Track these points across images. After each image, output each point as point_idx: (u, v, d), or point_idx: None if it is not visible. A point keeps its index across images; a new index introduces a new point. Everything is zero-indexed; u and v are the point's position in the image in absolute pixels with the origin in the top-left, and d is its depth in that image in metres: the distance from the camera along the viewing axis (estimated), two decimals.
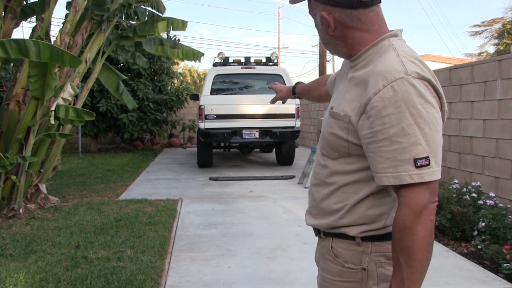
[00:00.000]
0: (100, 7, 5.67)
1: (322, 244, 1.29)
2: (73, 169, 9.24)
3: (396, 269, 1.06)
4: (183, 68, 21.65)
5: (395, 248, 1.05)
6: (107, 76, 6.73)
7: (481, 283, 3.19)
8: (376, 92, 1.05)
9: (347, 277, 1.20)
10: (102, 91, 11.28)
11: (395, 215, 1.06)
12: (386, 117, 1.03)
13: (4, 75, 9.54)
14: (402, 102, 1.02)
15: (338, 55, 1.25)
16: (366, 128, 1.08)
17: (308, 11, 1.23)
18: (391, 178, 1.04)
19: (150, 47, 6.50)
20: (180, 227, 4.69)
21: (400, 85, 1.03)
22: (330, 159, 1.22)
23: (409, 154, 1.02)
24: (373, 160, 1.07)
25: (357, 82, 1.15)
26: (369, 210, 1.18)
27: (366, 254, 1.19)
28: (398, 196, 1.06)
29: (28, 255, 3.76)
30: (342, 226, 1.20)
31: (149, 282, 3.17)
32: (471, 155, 5.16)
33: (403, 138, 1.02)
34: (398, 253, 1.05)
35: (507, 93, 4.55)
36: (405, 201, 1.03)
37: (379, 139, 1.05)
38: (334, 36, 1.19)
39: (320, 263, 1.30)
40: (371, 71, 1.10)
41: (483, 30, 25.52)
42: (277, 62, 9.47)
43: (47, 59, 4.23)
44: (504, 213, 3.90)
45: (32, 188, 5.39)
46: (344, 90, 1.21)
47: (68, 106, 5.08)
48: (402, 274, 1.05)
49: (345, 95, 1.18)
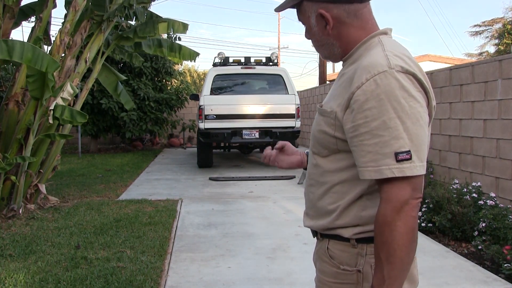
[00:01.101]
0: (100, 7, 5.66)
1: (319, 246, 1.28)
2: (73, 169, 9.23)
3: (377, 266, 1.05)
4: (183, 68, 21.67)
5: (376, 244, 1.05)
6: (106, 76, 6.73)
7: (482, 283, 3.18)
8: (359, 86, 1.05)
9: (342, 279, 1.18)
10: (102, 90, 11.28)
11: (377, 210, 1.05)
12: (368, 110, 1.03)
13: (4, 75, 9.54)
14: (384, 96, 1.02)
15: (332, 58, 1.24)
16: (350, 122, 1.07)
17: (298, 18, 1.23)
18: (372, 172, 1.03)
19: (149, 48, 6.51)
20: (180, 227, 4.69)
21: (382, 78, 1.03)
22: (321, 157, 1.21)
23: (390, 148, 1.01)
24: (356, 154, 1.07)
25: (344, 79, 1.16)
26: (362, 212, 1.16)
27: (361, 256, 1.17)
28: (380, 191, 1.05)
29: (27, 255, 3.76)
30: (337, 227, 1.18)
31: (149, 282, 3.16)
32: (472, 155, 5.15)
33: (385, 131, 1.01)
34: (378, 249, 1.04)
35: (507, 93, 4.54)
36: (386, 196, 1.03)
37: (361, 133, 1.04)
38: (331, 36, 1.19)
39: (317, 264, 1.29)
40: (357, 67, 1.11)
41: (483, 30, 25.53)
42: (277, 62, 9.46)
43: (28, 61, 4.24)
44: (505, 213, 3.89)
45: (31, 188, 5.39)
46: (333, 88, 1.23)
47: (65, 106, 5.08)
48: (382, 271, 1.04)
49: (333, 92, 1.20)
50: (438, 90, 5.87)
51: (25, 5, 5.75)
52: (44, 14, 5.23)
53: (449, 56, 18.40)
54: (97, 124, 11.91)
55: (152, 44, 6.51)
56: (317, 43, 1.23)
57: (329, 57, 1.24)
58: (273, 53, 9.51)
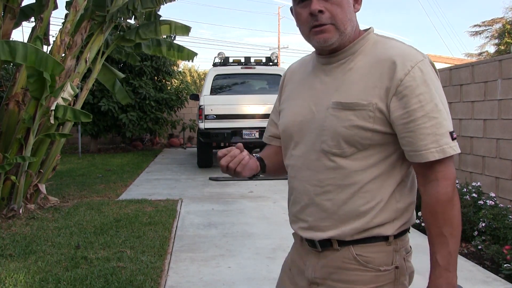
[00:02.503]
0: (101, 7, 5.66)
1: (332, 257, 1.17)
2: (73, 169, 9.23)
3: (440, 244, 1.10)
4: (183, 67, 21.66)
5: (438, 222, 1.09)
6: (105, 74, 6.75)
7: (482, 283, 3.18)
8: (407, 73, 1.06)
9: (382, 281, 1.14)
10: (102, 90, 11.29)
11: (433, 191, 1.09)
12: (421, 95, 1.06)
13: (4, 74, 9.54)
14: (430, 82, 1.08)
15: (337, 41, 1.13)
16: (401, 109, 1.07)
17: None
18: (436, 153, 1.06)
19: (148, 48, 6.52)
20: (180, 227, 4.69)
21: (425, 66, 1.09)
22: (343, 157, 1.12)
23: (445, 128, 1.07)
24: (413, 139, 1.07)
25: (365, 71, 1.12)
26: (398, 204, 1.15)
27: (396, 251, 1.17)
28: (432, 172, 1.08)
29: (27, 255, 3.76)
30: (375, 226, 1.13)
31: (149, 282, 3.16)
32: (472, 155, 5.15)
33: (437, 113, 1.07)
34: (442, 227, 1.09)
35: (507, 93, 4.54)
36: (443, 175, 1.08)
37: (417, 117, 1.06)
38: (354, 15, 1.16)
39: (334, 277, 1.17)
40: (386, 57, 1.10)
41: (483, 30, 25.52)
42: (277, 62, 9.46)
43: (32, 63, 4.24)
44: (505, 213, 3.90)
45: (31, 188, 5.39)
46: (343, 82, 1.14)
47: (67, 106, 5.08)
48: (448, 247, 1.09)
49: (353, 86, 1.12)
50: None
51: (25, 5, 5.75)
52: (45, 15, 5.23)
53: (449, 56, 18.42)
54: (97, 124, 11.91)
55: (151, 44, 6.52)
56: (343, 11, 1.11)
57: (342, 32, 1.12)
58: (273, 53, 9.52)
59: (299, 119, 1.20)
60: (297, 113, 1.21)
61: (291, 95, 1.28)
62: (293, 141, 1.23)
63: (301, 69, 1.30)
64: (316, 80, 1.21)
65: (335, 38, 1.12)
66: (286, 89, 1.32)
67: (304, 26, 1.15)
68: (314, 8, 1.10)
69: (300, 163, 1.20)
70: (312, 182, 1.17)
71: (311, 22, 1.12)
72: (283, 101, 1.31)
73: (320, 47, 1.16)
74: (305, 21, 1.14)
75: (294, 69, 1.34)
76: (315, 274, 1.20)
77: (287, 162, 1.28)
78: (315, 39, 1.14)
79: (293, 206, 1.25)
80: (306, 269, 1.23)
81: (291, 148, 1.24)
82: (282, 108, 1.30)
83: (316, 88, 1.19)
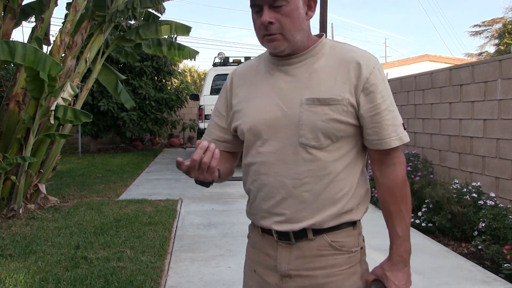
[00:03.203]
0: (101, 7, 5.66)
1: (306, 247, 1.24)
2: (73, 169, 9.24)
3: (399, 219, 1.25)
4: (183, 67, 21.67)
5: (397, 200, 1.25)
6: (106, 75, 6.73)
7: (482, 283, 3.18)
8: (371, 72, 1.21)
9: (353, 261, 1.26)
10: (102, 91, 11.29)
11: (392, 174, 1.25)
12: (382, 91, 1.22)
13: (4, 74, 9.54)
14: (386, 81, 1.24)
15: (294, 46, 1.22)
16: (368, 103, 1.21)
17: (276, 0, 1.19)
18: (396, 140, 1.22)
19: (149, 48, 6.51)
20: (180, 227, 4.69)
21: (381, 67, 1.25)
22: (320, 149, 1.20)
23: (399, 119, 1.25)
24: (379, 129, 1.21)
25: (331, 70, 1.23)
26: (361, 190, 1.28)
27: (359, 234, 1.31)
28: (390, 158, 1.25)
29: (27, 255, 3.76)
30: (346, 211, 1.24)
31: (149, 282, 3.16)
32: (472, 155, 5.15)
33: (393, 107, 1.24)
34: (400, 204, 1.25)
35: (507, 93, 4.54)
36: (399, 160, 1.26)
37: (381, 110, 1.21)
38: (307, 24, 1.25)
39: (309, 266, 1.24)
40: (349, 58, 1.23)
41: (483, 30, 25.51)
42: None
43: (31, 63, 4.24)
44: (505, 213, 3.89)
45: (31, 188, 5.39)
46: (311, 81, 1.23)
47: (67, 106, 5.08)
48: (405, 220, 1.26)
49: (319, 84, 1.22)
50: (438, 90, 5.87)
51: (25, 4, 5.75)
52: (46, 15, 5.23)
53: (449, 56, 18.41)
54: (97, 124, 11.91)
55: (151, 44, 6.52)
56: (293, 22, 1.19)
57: (291, 41, 1.21)
58: None
59: (268, 116, 1.24)
60: (265, 111, 1.25)
61: (250, 96, 1.31)
62: (260, 139, 1.26)
63: (251, 72, 1.35)
64: (278, 79, 1.27)
65: (284, 46, 1.21)
66: (239, 91, 1.34)
67: (258, 33, 1.25)
68: (264, 20, 1.19)
69: (273, 159, 1.23)
70: (289, 176, 1.22)
71: (263, 31, 1.21)
72: (238, 102, 1.33)
73: (274, 52, 1.26)
74: (258, 28, 1.23)
75: (241, 72, 1.38)
76: (289, 266, 1.25)
77: (251, 160, 1.29)
78: (267, 46, 1.24)
79: (263, 203, 1.27)
80: (278, 263, 1.27)
81: (257, 146, 1.27)
82: (239, 109, 1.31)
83: (281, 87, 1.25)
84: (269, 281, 1.29)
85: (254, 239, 1.35)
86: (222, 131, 1.38)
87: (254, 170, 1.28)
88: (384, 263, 1.28)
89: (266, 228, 1.28)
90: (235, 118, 1.32)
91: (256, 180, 1.28)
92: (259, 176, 1.27)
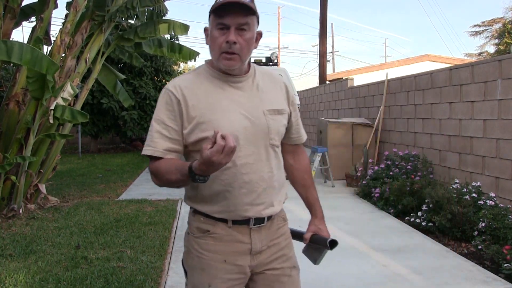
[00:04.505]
0: (101, 7, 5.66)
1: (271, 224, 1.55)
2: (73, 169, 9.24)
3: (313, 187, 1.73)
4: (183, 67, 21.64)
5: (310, 175, 1.73)
6: (106, 75, 6.74)
7: (482, 283, 3.18)
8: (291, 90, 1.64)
9: (287, 227, 1.66)
10: (102, 90, 11.30)
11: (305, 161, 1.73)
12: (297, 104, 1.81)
13: (4, 74, 9.54)
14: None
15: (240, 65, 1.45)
16: (294, 112, 1.64)
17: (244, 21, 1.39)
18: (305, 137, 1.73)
19: (149, 48, 6.50)
20: (180, 227, 4.69)
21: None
22: (278, 147, 1.57)
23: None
24: (299, 130, 1.69)
25: (270, 88, 1.56)
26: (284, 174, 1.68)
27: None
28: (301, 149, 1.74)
29: (28, 255, 3.76)
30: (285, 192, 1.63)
31: (149, 282, 3.16)
32: (471, 155, 5.15)
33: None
34: (311, 178, 1.73)
35: (507, 93, 4.54)
36: (303, 150, 1.76)
37: (298, 117, 1.68)
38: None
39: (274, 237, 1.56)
40: (277, 80, 1.63)
41: (483, 30, 25.52)
42: (277, 62, 9.47)
43: (27, 62, 4.23)
44: (505, 213, 3.90)
45: (32, 188, 5.39)
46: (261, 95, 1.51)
47: (65, 106, 5.08)
48: (316, 189, 1.75)
49: (269, 99, 1.53)
50: (438, 90, 5.88)
51: (25, 5, 5.75)
52: (46, 15, 5.23)
53: (449, 56, 18.39)
54: (97, 124, 11.91)
55: (152, 44, 6.51)
56: (248, 48, 1.43)
57: (243, 62, 1.44)
58: (273, 53, 9.53)
59: (241, 126, 1.44)
60: (236, 122, 1.43)
61: (213, 109, 1.44)
62: (238, 145, 1.36)
63: (199, 87, 1.47)
64: (234, 94, 1.47)
65: (238, 65, 1.44)
66: (195, 104, 1.45)
67: (217, 49, 1.41)
68: (231, 39, 1.38)
69: (252, 159, 1.46)
70: (266, 170, 1.49)
71: (225, 48, 1.39)
72: (200, 115, 1.44)
73: (227, 71, 1.46)
74: (219, 45, 1.40)
75: (187, 87, 1.47)
76: (262, 244, 1.51)
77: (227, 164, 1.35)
78: (223, 63, 1.42)
79: (247, 197, 1.45)
80: (253, 245, 1.49)
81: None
82: (205, 120, 1.43)
83: (240, 101, 1.47)
84: (241, 264, 1.49)
85: (220, 233, 1.49)
86: (171, 142, 1.46)
87: (233, 173, 1.43)
88: (313, 221, 1.69)
89: (249, 217, 1.47)
90: (201, 129, 1.42)
91: (235, 180, 1.44)
92: (240, 176, 1.44)
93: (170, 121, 1.45)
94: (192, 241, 1.55)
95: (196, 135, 1.43)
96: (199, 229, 1.51)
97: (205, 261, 1.50)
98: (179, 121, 1.45)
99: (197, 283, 1.53)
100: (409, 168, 5.82)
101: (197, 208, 1.51)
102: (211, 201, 1.47)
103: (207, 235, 1.50)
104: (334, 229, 4.40)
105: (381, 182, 5.81)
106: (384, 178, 5.84)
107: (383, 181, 5.79)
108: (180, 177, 1.34)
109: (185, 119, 1.44)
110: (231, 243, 1.48)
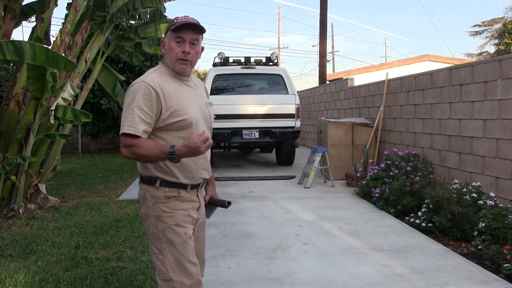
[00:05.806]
0: (101, 7, 5.66)
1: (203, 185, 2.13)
2: (73, 169, 9.24)
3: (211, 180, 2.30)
4: None
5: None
6: (105, 76, 6.74)
7: (482, 283, 3.18)
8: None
9: None
10: (103, 89, 11.29)
11: None
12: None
13: (4, 75, 9.54)
14: None
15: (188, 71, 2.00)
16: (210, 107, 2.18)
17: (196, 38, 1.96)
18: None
19: (149, 47, 6.51)
20: None
21: None
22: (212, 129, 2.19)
23: None
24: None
25: (199, 87, 2.14)
26: None
27: None
28: None
29: (27, 255, 3.76)
30: None
31: (149, 282, 3.16)
32: (471, 155, 5.15)
33: None
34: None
35: (507, 93, 4.54)
36: None
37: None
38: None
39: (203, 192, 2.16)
40: (201, 82, 2.21)
41: (483, 30, 25.54)
42: (277, 62, 9.46)
43: (42, 62, 4.22)
44: (505, 213, 3.90)
45: (31, 188, 5.39)
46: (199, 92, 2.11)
47: (67, 106, 5.08)
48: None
49: (202, 95, 2.14)
50: (438, 90, 5.88)
51: (25, 4, 5.75)
52: (46, 15, 5.23)
53: (449, 56, 18.38)
54: (97, 124, 11.90)
55: (152, 43, 6.52)
56: (197, 57, 2.00)
57: (192, 67, 2.00)
58: (273, 53, 9.51)
59: (199, 113, 2.01)
60: (196, 110, 1.99)
61: (181, 100, 1.95)
62: (197, 126, 1.97)
63: (168, 84, 1.95)
64: (188, 90, 2.02)
65: (189, 69, 2.00)
66: (168, 96, 1.91)
67: (174, 56, 1.94)
68: (186, 50, 1.94)
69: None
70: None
71: (181, 56, 1.93)
72: (174, 104, 1.91)
73: (180, 72, 1.99)
74: (176, 53, 1.94)
75: (160, 83, 1.91)
76: (201, 202, 2.10)
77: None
78: (179, 67, 1.96)
79: (203, 164, 2.03)
80: (200, 201, 2.10)
81: (194, 130, 1.94)
82: (179, 108, 1.92)
83: (193, 95, 2.04)
84: (195, 216, 2.04)
85: (184, 196, 1.98)
86: (147, 125, 1.88)
87: None
88: (209, 188, 2.21)
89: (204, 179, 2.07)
90: (177, 114, 1.91)
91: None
92: None
93: (148, 109, 1.87)
94: (161, 207, 1.93)
95: (173, 119, 1.91)
96: (166, 196, 1.94)
97: (177, 216, 1.94)
98: (155, 109, 1.87)
99: (175, 237, 1.92)
100: (409, 168, 5.82)
101: (165, 178, 1.92)
102: (180, 172, 1.94)
103: (175, 199, 1.95)
104: (334, 229, 4.36)
105: (381, 182, 5.81)
106: (384, 178, 5.84)
107: (383, 181, 5.79)
108: (159, 154, 1.79)
109: (163, 107, 1.89)
110: (190, 202, 2.00)
